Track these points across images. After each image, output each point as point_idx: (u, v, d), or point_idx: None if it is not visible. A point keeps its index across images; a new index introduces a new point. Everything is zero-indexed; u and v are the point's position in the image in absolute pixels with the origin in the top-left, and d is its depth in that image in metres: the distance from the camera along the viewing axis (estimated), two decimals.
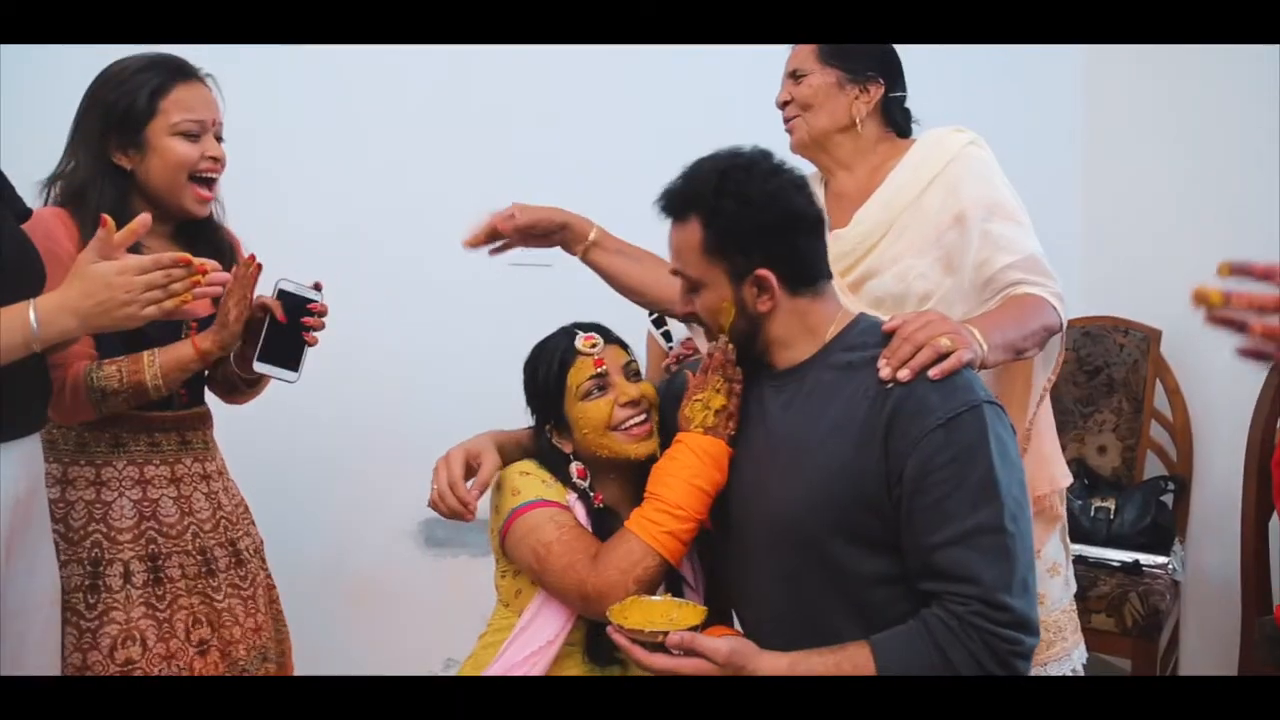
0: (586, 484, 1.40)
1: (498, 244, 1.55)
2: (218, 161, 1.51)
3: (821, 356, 1.24)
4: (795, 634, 1.18)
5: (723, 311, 1.25)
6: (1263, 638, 1.97)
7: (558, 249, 1.59)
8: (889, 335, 1.20)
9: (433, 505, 1.37)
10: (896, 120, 1.61)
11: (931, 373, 1.14)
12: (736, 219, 1.21)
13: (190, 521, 1.54)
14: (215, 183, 1.53)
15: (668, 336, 1.91)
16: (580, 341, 1.37)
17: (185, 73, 1.49)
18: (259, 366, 1.50)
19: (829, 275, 1.29)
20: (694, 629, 1.15)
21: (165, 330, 1.46)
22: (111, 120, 1.45)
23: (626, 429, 1.36)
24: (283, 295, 1.49)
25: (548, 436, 1.42)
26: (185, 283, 1.24)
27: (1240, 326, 0.84)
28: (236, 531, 1.61)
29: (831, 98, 1.57)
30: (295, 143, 2.43)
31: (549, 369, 1.38)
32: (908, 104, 1.64)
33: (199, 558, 1.54)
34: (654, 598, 1.24)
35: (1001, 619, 1.09)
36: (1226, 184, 2.34)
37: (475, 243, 1.54)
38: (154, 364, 1.41)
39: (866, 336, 1.23)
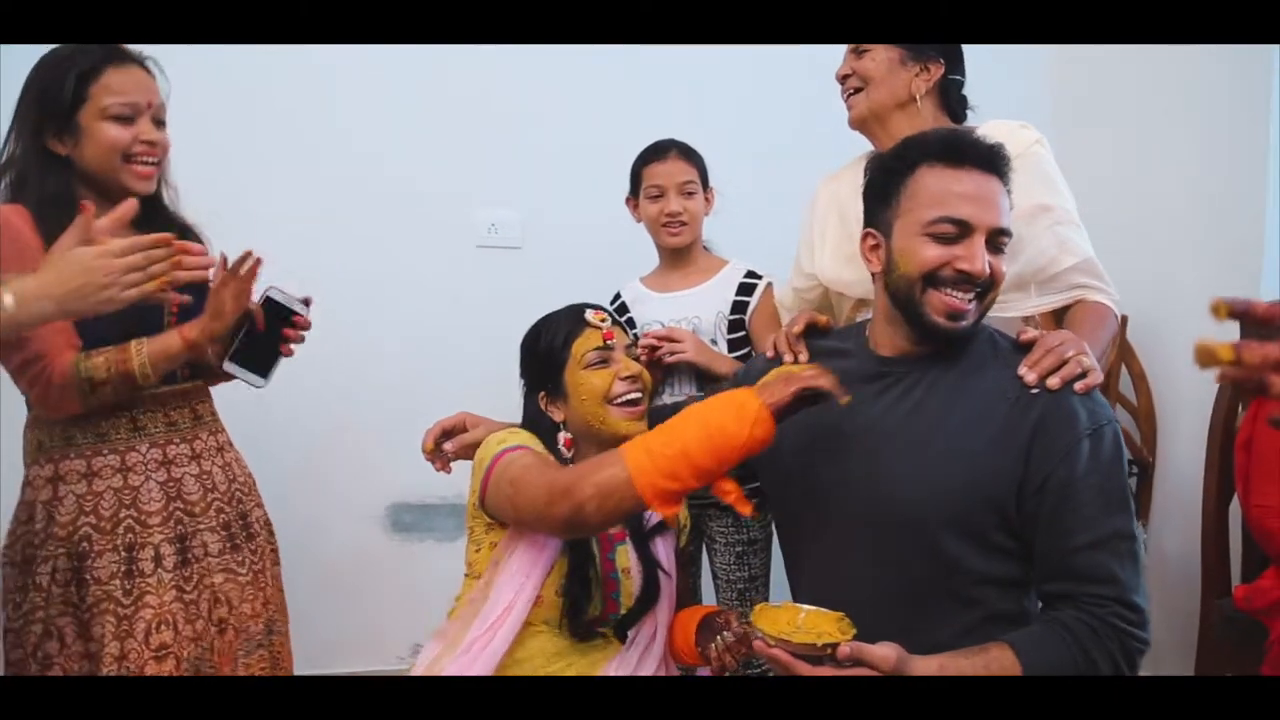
0: (570, 455, 1.40)
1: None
2: (153, 145, 1.47)
3: (944, 353, 1.28)
4: (895, 622, 1.18)
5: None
6: (1221, 618, 2.01)
7: (526, 232, 1.55)
8: (1021, 344, 1.27)
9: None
10: (952, 104, 1.62)
11: (1077, 387, 1.20)
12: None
13: (213, 497, 1.55)
14: (156, 165, 1.49)
15: (630, 324, 1.90)
16: (590, 315, 1.42)
17: (118, 56, 1.45)
18: (228, 366, 1.50)
19: None
20: (855, 638, 1.12)
21: (146, 321, 1.43)
22: (45, 107, 1.42)
23: (622, 404, 1.38)
24: (269, 303, 1.49)
25: (539, 405, 1.43)
26: (165, 264, 1.23)
27: (1260, 387, 0.74)
28: (249, 503, 1.62)
29: (893, 73, 1.58)
30: (273, 135, 2.40)
31: (553, 337, 1.41)
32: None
33: (222, 533, 1.55)
34: (774, 604, 1.22)
35: (1134, 619, 1.15)
36: (1190, 172, 2.37)
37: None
38: (141, 353, 1.40)
39: (997, 339, 1.30)
